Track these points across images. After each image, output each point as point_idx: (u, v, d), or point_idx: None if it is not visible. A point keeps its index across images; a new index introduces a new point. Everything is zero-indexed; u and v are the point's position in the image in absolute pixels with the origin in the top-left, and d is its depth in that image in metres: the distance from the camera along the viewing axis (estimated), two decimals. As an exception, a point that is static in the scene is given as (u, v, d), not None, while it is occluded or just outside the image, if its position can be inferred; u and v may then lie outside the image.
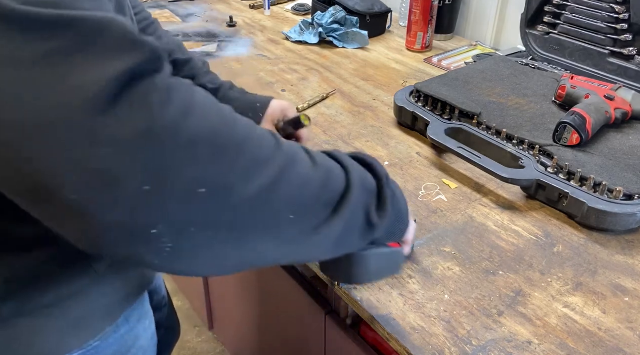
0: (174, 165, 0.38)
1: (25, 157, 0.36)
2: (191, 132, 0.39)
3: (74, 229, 0.39)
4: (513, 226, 0.90)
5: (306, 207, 0.48)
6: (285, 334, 1.26)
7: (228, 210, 0.42)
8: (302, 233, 0.48)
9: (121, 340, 0.72)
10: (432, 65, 1.50)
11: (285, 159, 0.46)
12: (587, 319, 0.74)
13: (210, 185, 0.40)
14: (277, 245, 0.47)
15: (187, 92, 0.41)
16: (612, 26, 1.19)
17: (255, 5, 1.92)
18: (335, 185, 0.51)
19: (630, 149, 0.99)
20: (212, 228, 0.41)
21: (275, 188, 0.44)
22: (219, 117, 0.42)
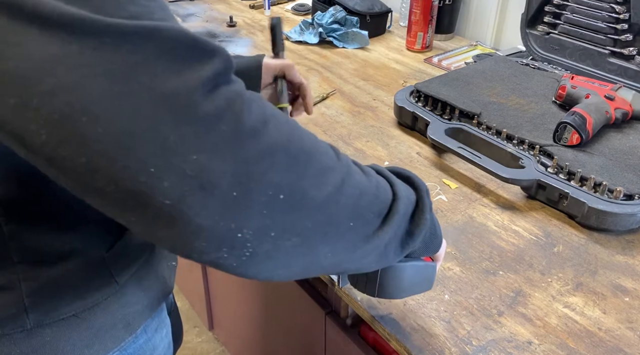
0: (258, 170, 0.40)
1: (121, 165, 0.37)
2: (270, 140, 0.41)
3: (165, 235, 0.40)
4: (513, 226, 0.90)
5: (362, 215, 0.49)
6: (285, 334, 1.26)
7: (302, 216, 0.43)
8: (357, 241, 0.50)
9: (139, 351, 0.72)
10: (432, 65, 1.50)
11: (344, 168, 0.48)
12: (587, 319, 0.74)
13: (288, 191, 0.42)
14: (336, 253, 0.48)
15: (261, 102, 0.43)
16: (613, 26, 1.19)
17: (255, 5, 1.92)
18: (384, 195, 0.52)
19: (630, 149, 0.99)
20: (288, 233, 0.43)
21: (339, 195, 0.46)
22: (289, 127, 0.44)
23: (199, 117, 0.38)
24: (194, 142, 0.38)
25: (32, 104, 0.35)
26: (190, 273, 1.70)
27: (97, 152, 0.37)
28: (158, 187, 0.37)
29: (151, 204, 0.38)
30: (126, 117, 0.36)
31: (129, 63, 0.37)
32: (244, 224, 0.40)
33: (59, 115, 0.36)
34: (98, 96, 0.36)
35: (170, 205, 0.38)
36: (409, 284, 0.63)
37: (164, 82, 0.37)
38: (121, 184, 0.37)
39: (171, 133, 0.37)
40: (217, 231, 0.39)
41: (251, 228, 0.41)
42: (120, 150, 0.36)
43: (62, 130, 0.36)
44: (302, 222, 0.44)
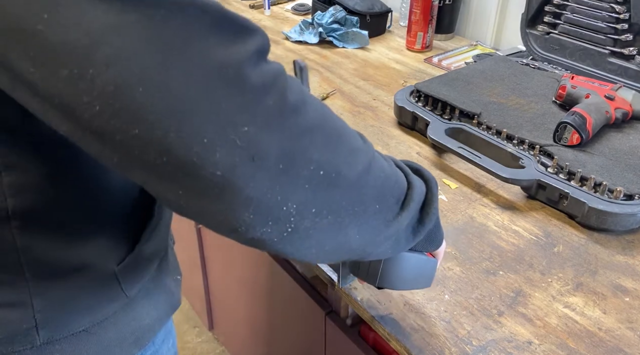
0: (300, 146, 0.41)
1: (175, 136, 0.37)
2: (309, 117, 0.43)
3: (213, 209, 0.40)
4: (513, 226, 0.90)
5: (386, 199, 0.51)
6: (285, 334, 1.26)
7: (338, 193, 0.45)
8: (380, 225, 0.52)
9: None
10: (432, 65, 1.49)
11: (370, 151, 0.50)
12: (588, 319, 0.74)
13: (327, 168, 0.43)
14: (362, 234, 0.50)
15: (299, 83, 0.44)
16: (613, 26, 1.19)
17: (255, 5, 1.92)
18: (402, 183, 0.54)
19: (630, 148, 0.99)
20: (326, 210, 0.45)
21: (368, 175, 0.48)
22: (323, 109, 0.46)
23: (247, 88, 0.39)
24: (244, 113, 0.38)
25: (87, 75, 0.35)
26: (190, 273, 1.70)
27: (151, 123, 0.37)
28: (210, 157, 0.38)
29: (202, 175, 0.38)
30: (180, 87, 0.37)
31: (183, 35, 0.37)
32: (289, 197, 0.41)
33: (114, 86, 0.36)
34: (153, 66, 0.36)
35: (220, 176, 0.38)
36: (411, 275, 0.64)
37: (215, 54, 0.38)
38: (173, 155, 0.37)
39: (223, 104, 0.38)
40: (265, 203, 0.40)
41: (295, 202, 0.42)
42: (175, 121, 0.37)
43: (117, 101, 0.36)
44: (338, 199, 0.45)
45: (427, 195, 0.58)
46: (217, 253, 1.47)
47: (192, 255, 1.60)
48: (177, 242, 1.70)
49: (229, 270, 1.44)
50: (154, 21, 0.36)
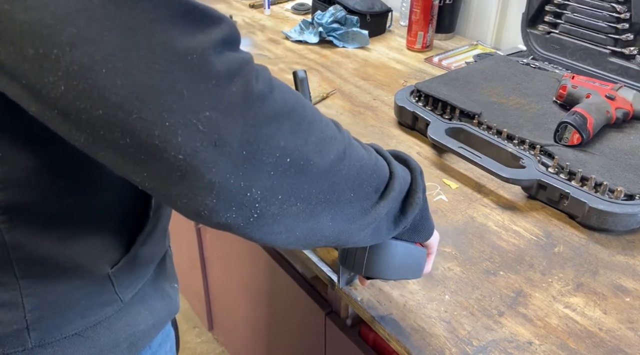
0: (265, 133, 0.42)
1: (137, 117, 0.38)
2: (276, 105, 0.43)
3: (177, 191, 0.41)
4: (514, 226, 0.90)
5: (362, 187, 0.51)
6: (285, 335, 1.26)
7: (307, 181, 0.45)
8: (356, 213, 0.52)
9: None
10: (432, 65, 1.49)
11: (345, 139, 0.50)
12: (588, 320, 0.73)
13: (294, 155, 0.44)
14: (336, 222, 0.50)
15: (268, 72, 0.45)
16: (613, 26, 1.19)
17: (255, 5, 1.92)
18: (382, 172, 0.54)
19: (631, 148, 0.99)
20: (294, 197, 0.45)
21: (340, 165, 0.48)
22: (294, 97, 0.46)
23: (211, 75, 0.39)
24: (207, 99, 0.39)
25: (52, 55, 0.36)
26: (190, 273, 1.70)
27: (114, 104, 0.37)
28: (172, 140, 0.38)
29: (164, 157, 0.39)
30: (144, 71, 0.37)
31: (147, 20, 0.38)
32: (253, 183, 0.42)
33: (79, 66, 0.36)
34: (117, 49, 0.37)
35: (182, 160, 0.39)
36: (397, 264, 0.64)
37: (179, 40, 0.39)
38: (136, 136, 0.38)
39: (185, 89, 0.38)
40: (228, 188, 0.41)
41: (259, 188, 0.42)
42: (137, 103, 0.37)
43: (81, 81, 0.37)
44: (307, 187, 0.46)
45: (411, 185, 0.58)
46: (217, 253, 1.47)
47: (191, 255, 1.60)
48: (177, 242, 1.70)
49: (229, 271, 1.44)
50: (119, 5, 0.37)
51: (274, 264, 1.15)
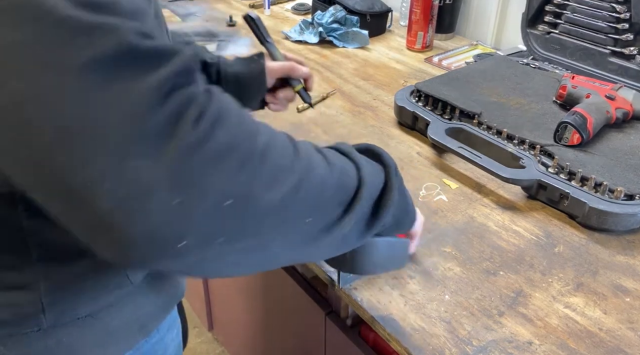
0: (201, 177, 0.39)
1: (62, 161, 0.36)
2: (218, 144, 0.40)
3: (104, 240, 0.39)
4: (514, 226, 0.90)
5: (322, 208, 0.49)
6: (285, 335, 1.26)
7: (253, 219, 0.43)
8: (315, 233, 0.50)
9: (151, 350, 0.72)
10: (432, 65, 1.49)
11: (303, 165, 0.47)
12: (588, 320, 0.73)
13: (237, 195, 0.41)
14: (293, 248, 0.48)
15: (216, 103, 0.41)
16: (613, 26, 1.19)
17: (255, 5, 1.92)
18: (348, 184, 0.52)
19: (631, 148, 0.99)
20: (239, 237, 0.43)
21: (295, 195, 0.45)
22: (244, 128, 0.43)
23: (146, 124, 0.37)
24: (138, 147, 0.37)
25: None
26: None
27: (40, 145, 0.36)
28: (97, 189, 0.36)
29: (91, 205, 0.37)
30: (72, 113, 0.36)
31: (81, 58, 0.36)
32: (186, 232, 0.39)
33: (10, 102, 0.36)
34: (47, 87, 0.36)
35: (108, 210, 0.37)
36: (382, 259, 0.64)
37: (115, 83, 0.37)
38: (62, 181, 0.37)
39: (115, 136, 0.36)
40: (157, 238, 0.38)
41: (194, 236, 0.40)
42: (63, 147, 0.36)
43: (8, 117, 0.36)
44: (254, 225, 0.43)
45: (385, 185, 0.57)
46: (217, 253, 1.47)
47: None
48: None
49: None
50: (52, 41, 0.36)
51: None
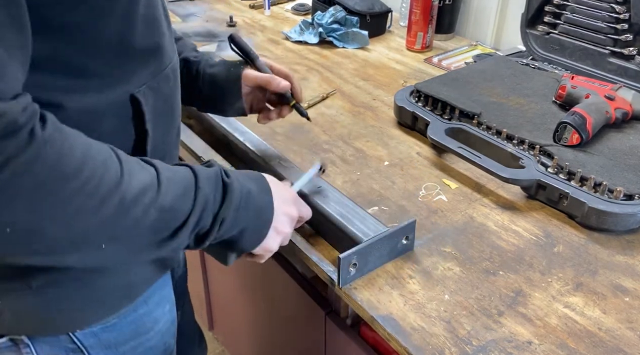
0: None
1: None
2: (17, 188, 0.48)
3: None
4: (513, 226, 0.90)
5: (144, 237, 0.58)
6: (285, 334, 1.26)
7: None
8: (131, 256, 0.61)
9: (139, 321, 0.75)
10: (432, 65, 1.49)
11: (106, 229, 0.55)
12: (588, 319, 0.74)
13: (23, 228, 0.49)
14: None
15: (34, 152, 0.47)
16: (613, 26, 1.19)
17: (255, 5, 1.92)
18: (168, 221, 0.59)
19: (630, 148, 0.99)
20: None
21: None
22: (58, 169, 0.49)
23: None
24: None
25: None
26: (190, 273, 1.70)
27: None
28: None
29: None
30: None
31: None
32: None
33: None
34: None
35: None
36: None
37: None
38: None
39: None
40: None
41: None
42: None
43: None
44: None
45: (221, 207, 0.63)
46: (217, 253, 1.47)
47: (192, 254, 1.60)
48: (177, 242, 1.67)
49: (229, 270, 1.44)
50: None
51: (274, 263, 1.15)
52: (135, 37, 0.60)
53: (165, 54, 0.67)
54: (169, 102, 0.70)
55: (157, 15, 0.64)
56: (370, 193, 0.97)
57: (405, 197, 0.96)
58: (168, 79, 0.69)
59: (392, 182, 1.00)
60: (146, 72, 0.64)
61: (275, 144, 1.10)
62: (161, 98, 0.67)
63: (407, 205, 0.94)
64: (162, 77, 0.67)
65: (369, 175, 1.01)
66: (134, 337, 0.75)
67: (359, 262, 0.77)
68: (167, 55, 0.68)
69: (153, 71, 0.65)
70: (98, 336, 0.71)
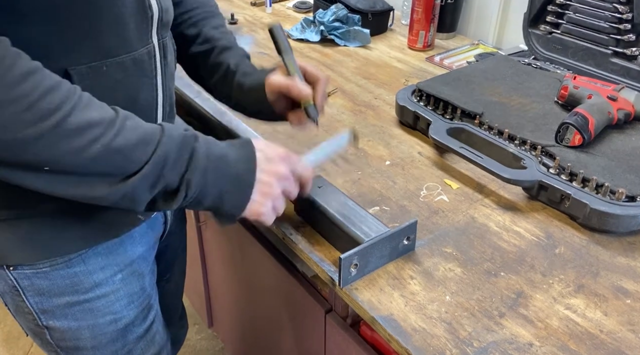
0: None
1: None
2: None
3: None
4: (515, 227, 0.90)
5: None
6: (285, 333, 1.26)
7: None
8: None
9: (74, 278, 0.80)
10: (434, 64, 1.49)
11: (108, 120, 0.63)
12: (589, 321, 0.74)
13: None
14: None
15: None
16: (615, 26, 1.19)
17: (256, 3, 1.92)
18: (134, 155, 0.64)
19: (632, 150, 0.99)
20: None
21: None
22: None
23: None
24: None
25: None
26: (190, 270, 1.70)
27: None
28: None
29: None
30: None
31: None
32: None
33: None
34: None
35: None
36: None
37: None
38: None
39: None
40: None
41: None
42: None
43: None
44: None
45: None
46: (217, 250, 1.47)
47: (192, 252, 1.60)
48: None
49: (229, 268, 1.44)
50: None
51: (274, 261, 1.15)
52: (72, 14, 0.64)
53: (124, 43, 0.70)
54: (128, 92, 0.74)
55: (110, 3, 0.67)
56: (371, 193, 0.97)
57: (406, 197, 0.95)
58: (124, 68, 0.72)
59: (394, 181, 0.99)
60: (88, 52, 0.67)
61: (277, 142, 1.09)
62: (109, 84, 0.70)
63: (408, 205, 0.94)
64: (115, 64, 0.70)
65: (370, 175, 1.01)
66: (69, 293, 0.81)
67: (360, 262, 0.77)
68: (128, 45, 0.71)
69: (101, 55, 0.68)
70: (31, 280, 0.78)
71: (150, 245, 0.93)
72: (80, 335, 0.86)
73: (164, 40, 0.79)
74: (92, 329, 0.86)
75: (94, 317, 0.85)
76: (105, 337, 0.88)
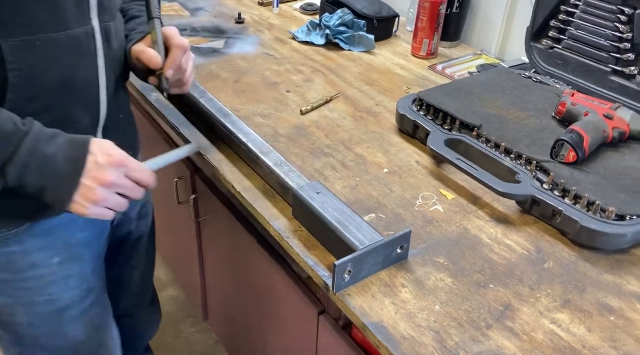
0: None
1: None
2: None
3: None
4: (506, 240, 0.92)
5: None
6: (277, 332, 1.29)
7: None
8: None
9: (11, 256, 0.85)
10: (436, 73, 1.51)
11: None
12: (573, 336, 0.76)
13: None
14: None
15: None
16: (616, 45, 1.21)
17: (264, 3, 1.93)
18: None
19: (625, 169, 1.01)
20: None
21: None
22: None
23: None
24: None
25: None
26: (187, 264, 1.72)
27: None
28: None
29: None
30: None
31: None
32: None
33: None
34: None
35: None
36: None
37: None
38: None
39: None
40: None
41: None
42: None
43: None
44: None
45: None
46: (215, 247, 1.49)
47: (190, 247, 1.62)
48: (176, 234, 1.71)
49: (226, 265, 1.46)
50: None
51: (270, 260, 1.17)
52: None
53: (59, 21, 0.75)
54: (64, 70, 0.78)
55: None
56: (368, 200, 0.99)
57: (402, 206, 0.98)
58: (59, 44, 0.76)
59: (391, 189, 1.02)
60: (20, 27, 0.72)
61: (278, 146, 1.12)
62: (44, 59, 0.75)
63: (403, 214, 0.96)
64: (49, 40, 0.75)
65: (368, 182, 1.03)
66: (4, 270, 0.87)
67: (353, 269, 0.79)
68: (63, 24, 0.76)
69: (34, 30, 0.73)
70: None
71: (97, 232, 0.96)
72: (16, 312, 0.91)
73: (106, 25, 0.84)
74: (27, 306, 0.91)
75: (29, 296, 0.90)
76: (40, 316, 0.93)
